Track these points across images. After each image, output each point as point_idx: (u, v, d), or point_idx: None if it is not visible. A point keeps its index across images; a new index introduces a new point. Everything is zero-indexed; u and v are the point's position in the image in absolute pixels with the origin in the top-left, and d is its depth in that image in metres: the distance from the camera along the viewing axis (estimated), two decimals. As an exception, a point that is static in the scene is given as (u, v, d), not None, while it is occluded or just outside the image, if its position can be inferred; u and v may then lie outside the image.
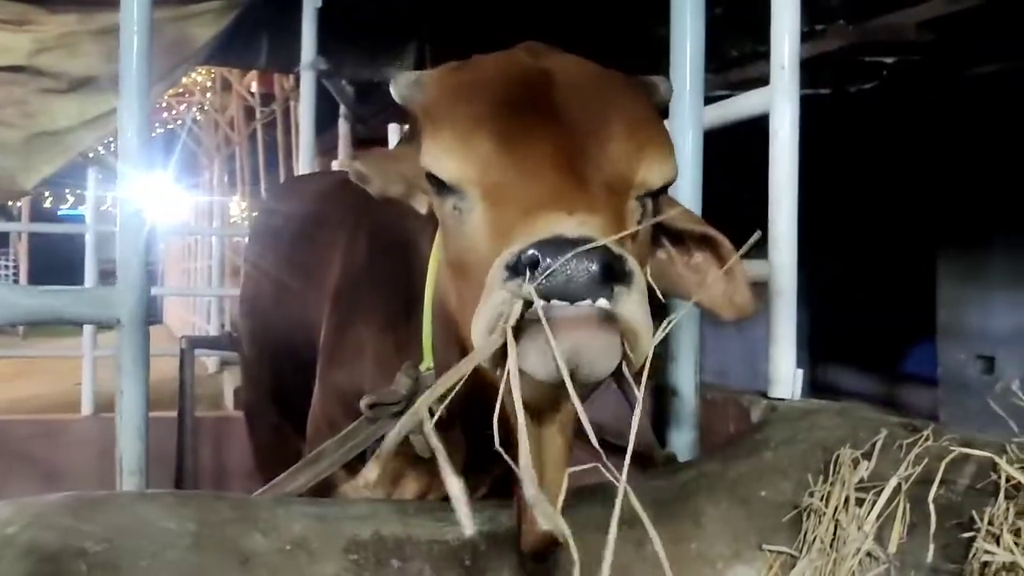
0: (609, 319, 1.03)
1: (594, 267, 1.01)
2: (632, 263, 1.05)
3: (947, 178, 6.01)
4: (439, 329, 1.55)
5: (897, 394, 6.99)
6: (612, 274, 1.02)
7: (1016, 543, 1.24)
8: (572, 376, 1.03)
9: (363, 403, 1.64)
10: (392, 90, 1.40)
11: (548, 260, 1.01)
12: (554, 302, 1.02)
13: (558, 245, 1.02)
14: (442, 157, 1.24)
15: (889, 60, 3.86)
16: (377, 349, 1.76)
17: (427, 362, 1.63)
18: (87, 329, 5.88)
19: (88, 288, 1.72)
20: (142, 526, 1.38)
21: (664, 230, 1.48)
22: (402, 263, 1.71)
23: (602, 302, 1.02)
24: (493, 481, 1.82)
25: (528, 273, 1.02)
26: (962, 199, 5.95)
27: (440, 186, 1.26)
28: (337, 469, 1.74)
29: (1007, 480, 1.35)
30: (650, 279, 1.15)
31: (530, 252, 1.03)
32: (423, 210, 1.45)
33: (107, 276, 7.46)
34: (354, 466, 1.78)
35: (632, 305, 1.04)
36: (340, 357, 1.85)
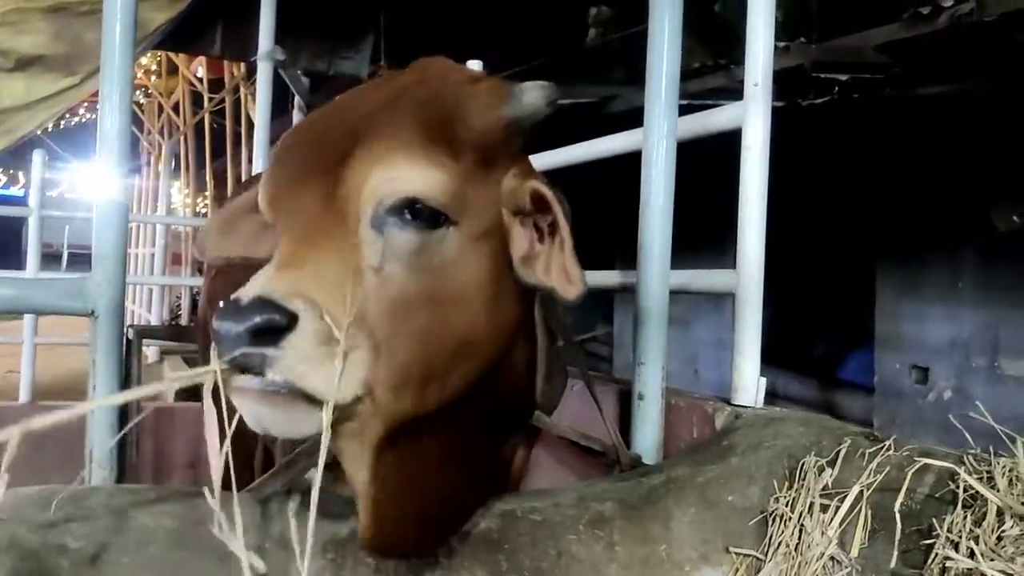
0: (273, 386, 1.08)
1: (240, 330, 1.05)
2: (302, 312, 1.07)
3: (889, 193, 6.19)
4: None
5: (833, 400, 7.17)
6: (274, 332, 1.06)
7: (975, 550, 1.31)
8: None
9: None
10: None
11: (215, 325, 1.07)
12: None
13: (227, 310, 1.07)
14: (260, 186, 1.33)
15: (843, 77, 3.98)
16: None
17: None
18: (27, 317, 5.73)
19: (64, 279, 1.69)
20: (121, 522, 1.37)
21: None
22: None
23: (257, 379, 1.07)
24: None
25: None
26: (902, 215, 6.13)
27: None
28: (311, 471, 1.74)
29: (965, 490, 1.42)
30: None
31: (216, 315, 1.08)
32: None
33: (48, 261, 7.29)
34: (332, 464, 1.79)
35: (287, 362, 1.07)
36: None
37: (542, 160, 2.62)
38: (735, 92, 2.12)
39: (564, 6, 5.51)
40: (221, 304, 1.08)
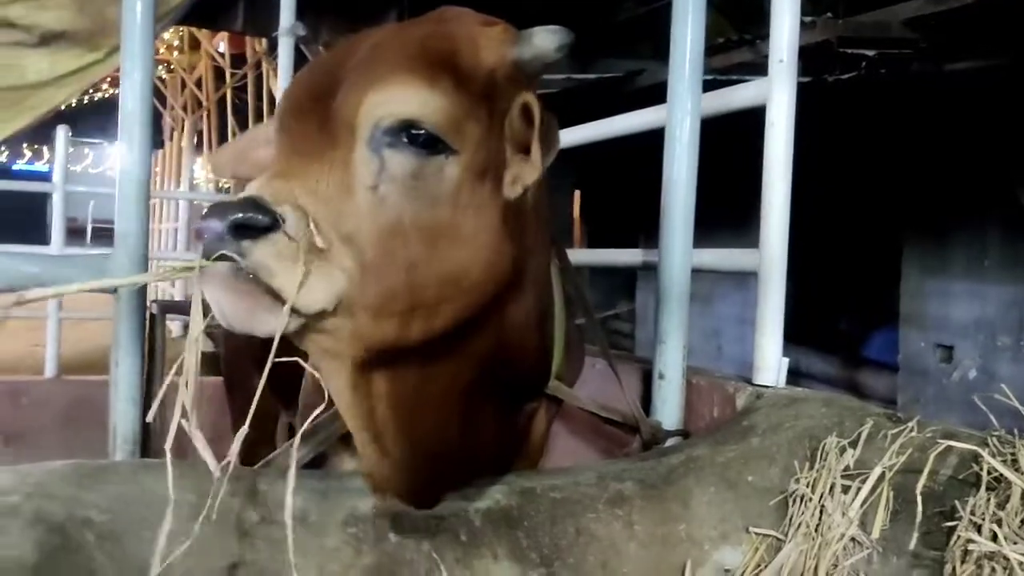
0: (239, 274, 1.11)
1: (218, 225, 1.08)
2: (288, 215, 1.11)
3: (915, 171, 6.12)
4: None
5: (857, 379, 7.14)
6: (246, 230, 1.09)
7: (998, 533, 1.30)
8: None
9: None
10: None
11: (201, 223, 1.11)
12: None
13: (214, 208, 1.11)
14: None
15: (870, 53, 3.93)
16: None
17: None
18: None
19: (88, 256, 1.70)
20: (144, 496, 1.39)
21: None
22: None
23: (228, 265, 1.10)
24: None
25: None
26: (928, 192, 6.06)
27: None
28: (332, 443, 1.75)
29: (989, 472, 1.41)
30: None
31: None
32: None
33: (72, 236, 7.36)
34: (348, 437, 1.80)
35: (259, 255, 1.10)
36: None
37: (567, 136, 2.60)
38: (761, 67, 2.08)
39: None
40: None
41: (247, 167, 1.55)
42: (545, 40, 1.32)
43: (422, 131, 1.21)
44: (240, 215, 1.08)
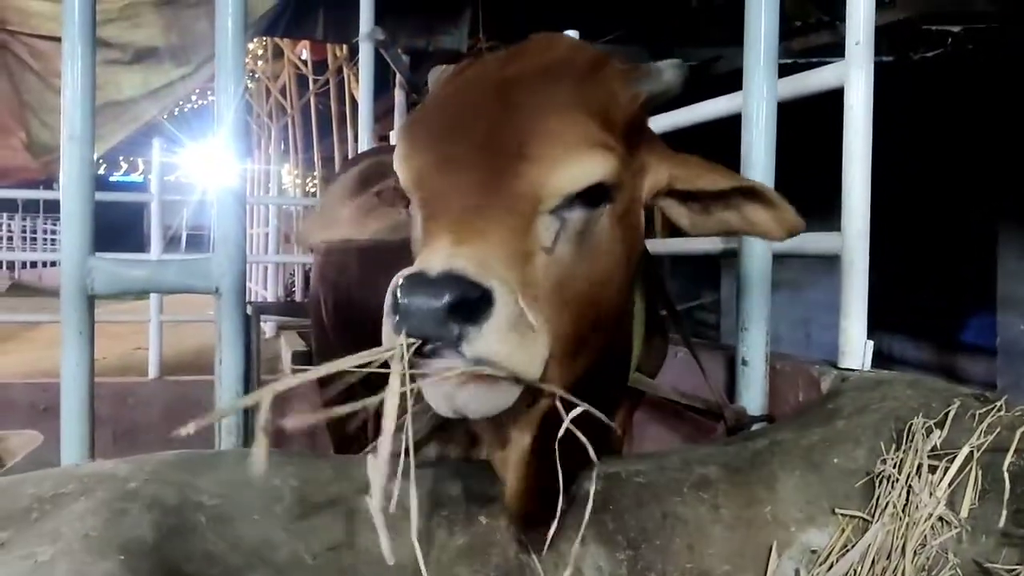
0: (465, 362, 1.06)
1: (437, 305, 1.03)
2: (498, 290, 1.07)
3: (1009, 150, 5.91)
4: None
5: (955, 364, 6.93)
6: (466, 308, 1.04)
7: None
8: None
9: None
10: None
11: (404, 300, 1.05)
12: (421, 363, 1.05)
13: (415, 283, 1.05)
14: (397, 162, 1.31)
15: (955, 29, 3.82)
16: None
17: None
18: (153, 296, 6.05)
19: (190, 259, 1.80)
20: (250, 482, 1.48)
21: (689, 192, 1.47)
22: None
23: (455, 357, 1.05)
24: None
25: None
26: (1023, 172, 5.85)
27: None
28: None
29: (1080, 450, 1.39)
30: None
31: (396, 288, 1.07)
32: None
33: (168, 243, 7.67)
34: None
35: (484, 344, 1.06)
36: None
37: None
38: (841, 49, 2.06)
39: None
40: (401, 277, 1.07)
41: (334, 229, 1.53)
42: (671, 75, 1.38)
43: (599, 191, 1.25)
44: (454, 294, 1.04)
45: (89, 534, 1.25)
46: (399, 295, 1.05)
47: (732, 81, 2.20)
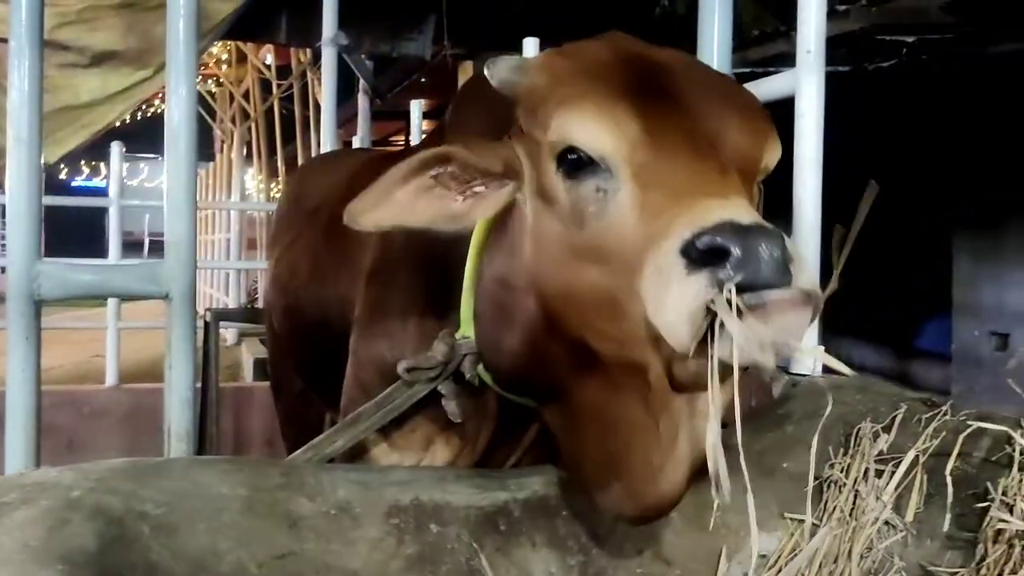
0: (807, 298, 1.11)
1: (777, 252, 1.07)
2: (785, 237, 1.12)
3: (965, 157, 6.02)
4: (492, 305, 1.56)
5: (912, 370, 7.04)
6: (787, 256, 1.09)
7: (1029, 512, 1.31)
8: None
9: (401, 367, 1.68)
10: (488, 74, 1.40)
11: (736, 249, 1.07)
12: (745, 295, 1.06)
13: (738, 232, 1.08)
14: (593, 130, 1.25)
15: (909, 39, 3.89)
16: (419, 320, 1.82)
17: (463, 331, 1.67)
18: (111, 302, 5.98)
19: (140, 264, 1.79)
20: (197, 490, 1.46)
21: None
22: (439, 240, 1.75)
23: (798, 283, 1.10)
24: (523, 450, 1.89)
25: (712, 260, 1.08)
26: (979, 178, 5.96)
27: (577, 167, 1.28)
28: (373, 433, 1.81)
29: (1021, 453, 1.41)
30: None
31: (707, 239, 1.08)
32: (491, 211, 1.45)
33: (130, 248, 7.59)
34: (387, 430, 1.85)
35: (808, 280, 1.12)
36: (381, 329, 1.90)
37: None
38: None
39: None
40: (716, 223, 1.09)
41: (387, 213, 1.44)
42: None
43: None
44: (784, 246, 1.09)
45: (30, 543, 1.23)
46: (732, 245, 1.07)
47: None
